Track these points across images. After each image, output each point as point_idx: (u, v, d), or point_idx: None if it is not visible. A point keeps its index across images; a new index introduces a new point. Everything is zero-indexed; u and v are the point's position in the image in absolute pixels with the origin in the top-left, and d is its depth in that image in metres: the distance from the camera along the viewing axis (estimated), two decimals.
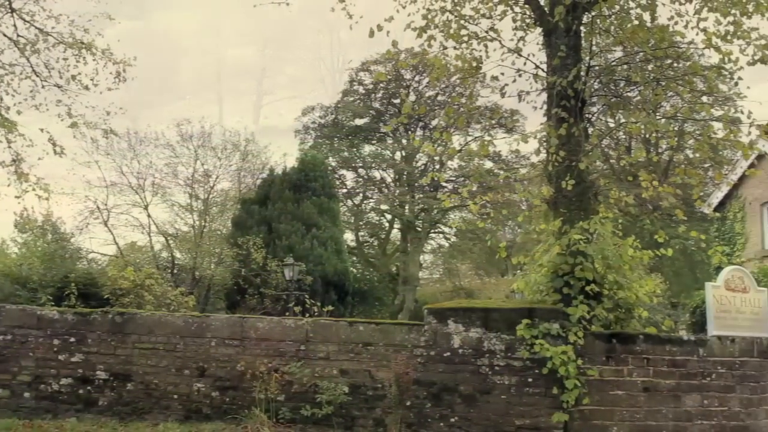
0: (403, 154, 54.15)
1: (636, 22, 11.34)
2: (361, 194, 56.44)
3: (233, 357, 11.28)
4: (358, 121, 54.54)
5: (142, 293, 18.06)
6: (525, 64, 12.11)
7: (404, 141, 52.67)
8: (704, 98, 13.39)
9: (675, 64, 12.63)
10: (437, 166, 51.66)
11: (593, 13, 11.76)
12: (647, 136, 44.11)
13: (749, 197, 41.01)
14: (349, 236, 52.76)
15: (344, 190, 54.05)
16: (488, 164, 51.26)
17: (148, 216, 36.82)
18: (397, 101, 51.97)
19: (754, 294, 12.30)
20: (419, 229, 54.47)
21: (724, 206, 42.34)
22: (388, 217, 56.78)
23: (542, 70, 11.96)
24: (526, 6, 12.12)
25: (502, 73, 12.01)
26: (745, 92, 44.87)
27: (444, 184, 51.12)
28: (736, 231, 41.92)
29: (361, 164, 55.24)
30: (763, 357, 11.98)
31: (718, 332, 11.62)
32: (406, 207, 53.15)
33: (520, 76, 12.07)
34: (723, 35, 11.09)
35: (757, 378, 11.73)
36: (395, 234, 58.37)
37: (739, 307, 12.04)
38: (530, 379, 10.68)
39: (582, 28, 11.72)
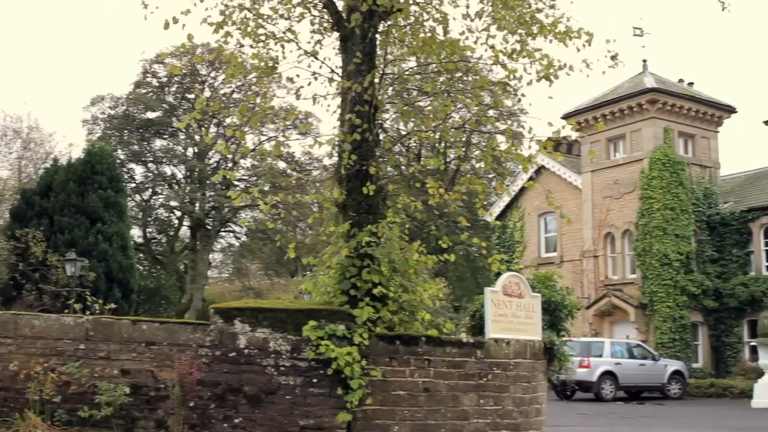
0: (196, 150, 53.40)
1: (429, 35, 11.67)
2: (150, 189, 55.17)
3: (5, 356, 10.68)
4: (150, 115, 53.22)
5: None
6: (321, 67, 12.21)
7: (197, 137, 51.94)
8: (490, 112, 13.95)
9: (464, 78, 13.10)
10: (230, 165, 51.28)
11: (389, 23, 12.00)
12: (436, 145, 45.63)
13: (528, 208, 43.34)
14: (136, 232, 51.50)
15: (133, 185, 52.66)
16: (281, 165, 51.38)
17: None
18: (192, 96, 51.17)
19: (529, 299, 12.98)
20: (209, 227, 53.85)
21: (505, 215, 44.56)
22: (178, 213, 55.78)
23: (338, 74, 12.10)
24: (324, 10, 12.22)
25: (298, 75, 12.05)
26: (528, 108, 46.99)
27: (236, 182, 50.75)
28: (516, 239, 44.19)
29: (151, 159, 53.99)
30: (535, 358, 12.66)
31: (495, 335, 12.16)
32: (197, 204, 52.40)
33: (315, 79, 12.14)
34: (509, 53, 11.63)
35: (529, 378, 12.38)
36: (184, 231, 57.48)
37: (515, 312, 12.66)
38: (315, 380, 10.76)
39: (378, 36, 11.94)
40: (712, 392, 33.69)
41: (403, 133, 15.69)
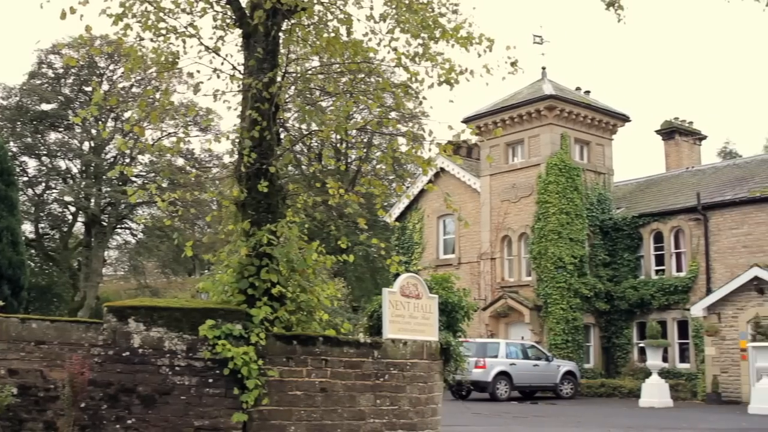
0: (92, 144, 52.22)
1: (333, 35, 11.68)
2: (43, 184, 53.68)
3: None
4: (45, 106, 51.76)
5: None
6: (223, 64, 12.07)
7: (94, 131, 50.79)
8: (392, 114, 14.04)
9: (367, 79, 13.14)
10: (127, 160, 50.34)
11: (293, 21, 11.95)
12: (338, 145, 45.72)
13: (428, 210, 43.74)
14: (27, 228, 50.10)
15: (25, 179, 51.10)
16: (180, 161, 50.67)
17: None
18: (89, 89, 49.98)
19: (426, 300, 13.10)
20: (105, 223, 52.71)
21: (404, 217, 44.86)
22: (72, 209, 54.41)
23: (239, 71, 11.99)
24: (228, 6, 12.09)
25: (199, 71, 11.90)
26: (429, 112, 47.69)
27: (133, 178, 49.82)
28: (415, 241, 44.51)
29: (45, 152, 52.52)
30: (432, 359, 12.79)
31: (392, 335, 12.23)
32: (92, 200, 51.23)
33: (217, 76, 12.01)
34: (412, 56, 11.73)
35: (425, 378, 12.50)
36: (79, 227, 56.16)
37: (412, 312, 12.77)
38: (211, 380, 10.63)
39: (281, 34, 11.88)
40: (602, 392, 34.68)
41: (305, 132, 15.63)
